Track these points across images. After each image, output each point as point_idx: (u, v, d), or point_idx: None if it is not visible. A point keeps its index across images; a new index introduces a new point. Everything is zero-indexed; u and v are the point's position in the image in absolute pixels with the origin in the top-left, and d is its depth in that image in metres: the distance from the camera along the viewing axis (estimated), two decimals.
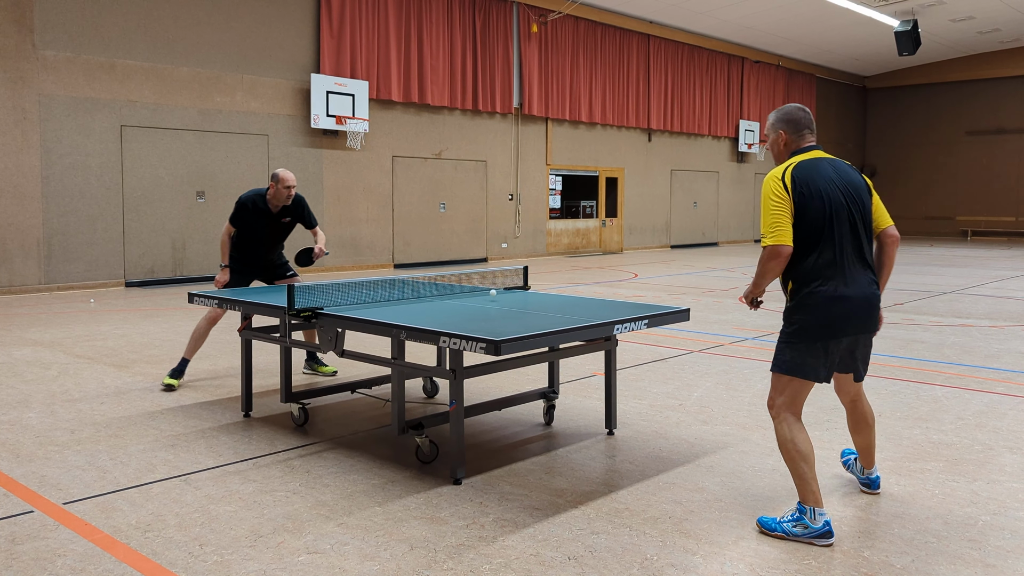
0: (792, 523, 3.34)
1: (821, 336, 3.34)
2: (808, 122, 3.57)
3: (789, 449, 3.37)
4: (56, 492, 3.88)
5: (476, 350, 3.60)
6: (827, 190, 3.36)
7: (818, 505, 3.31)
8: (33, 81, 11.79)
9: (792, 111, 3.58)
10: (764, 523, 3.42)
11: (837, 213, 3.35)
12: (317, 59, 15.08)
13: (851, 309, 3.35)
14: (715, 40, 23.68)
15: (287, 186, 6.14)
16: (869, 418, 3.77)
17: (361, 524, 3.51)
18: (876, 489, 3.86)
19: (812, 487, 3.32)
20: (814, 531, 3.29)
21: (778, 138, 3.61)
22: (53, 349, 7.55)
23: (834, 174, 3.43)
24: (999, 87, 28.38)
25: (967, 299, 11.35)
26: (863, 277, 3.40)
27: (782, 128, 3.59)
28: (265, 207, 6.23)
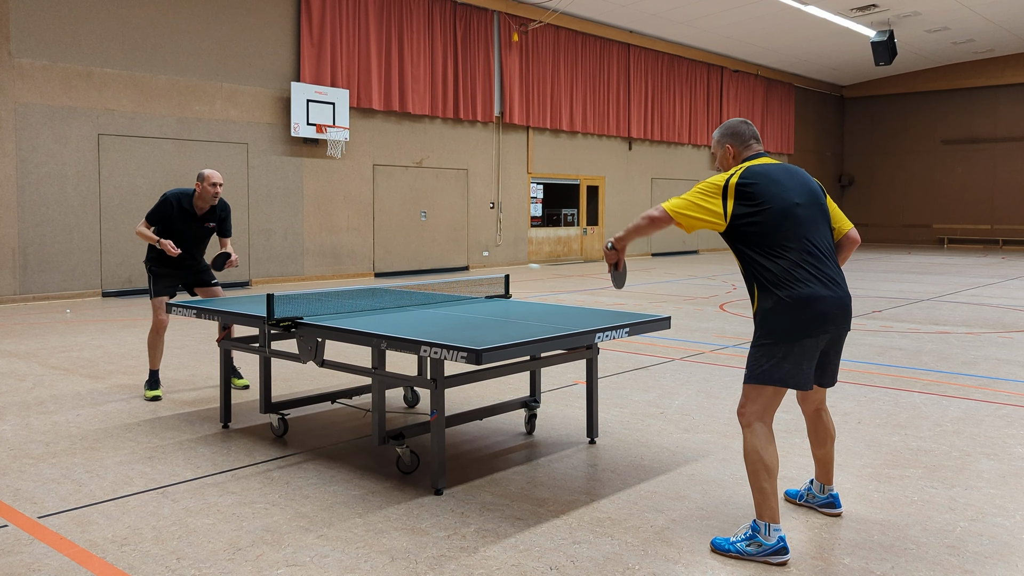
0: (746, 542, 3.24)
1: (799, 339, 3.23)
2: (753, 133, 3.53)
3: (755, 461, 3.26)
4: (30, 506, 3.82)
5: (457, 359, 3.59)
6: (780, 191, 3.29)
7: (775, 521, 3.22)
8: (9, 89, 11.67)
9: (735, 125, 3.55)
10: (717, 544, 3.31)
11: (794, 214, 3.27)
12: (297, 67, 15.03)
13: (827, 309, 3.25)
14: (695, 50, 23.85)
15: (212, 183, 5.97)
16: (831, 430, 3.65)
17: (341, 536, 3.48)
18: (839, 508, 3.69)
19: (772, 503, 3.23)
20: (768, 548, 3.20)
21: (726, 153, 3.56)
22: (28, 360, 7.45)
23: (785, 176, 3.36)
24: (974, 97, 28.77)
25: (944, 306, 11.47)
26: (834, 276, 3.32)
27: (728, 142, 3.54)
28: (191, 208, 6.05)
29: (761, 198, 3.26)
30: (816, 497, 3.73)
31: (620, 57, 21.74)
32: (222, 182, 6.10)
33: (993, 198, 28.63)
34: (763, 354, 3.28)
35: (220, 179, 6.08)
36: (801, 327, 3.23)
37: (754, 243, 3.29)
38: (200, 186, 6.01)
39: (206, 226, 6.18)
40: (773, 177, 3.32)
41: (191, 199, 6.06)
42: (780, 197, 3.28)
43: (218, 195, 6.06)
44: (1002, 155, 28.36)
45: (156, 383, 6.04)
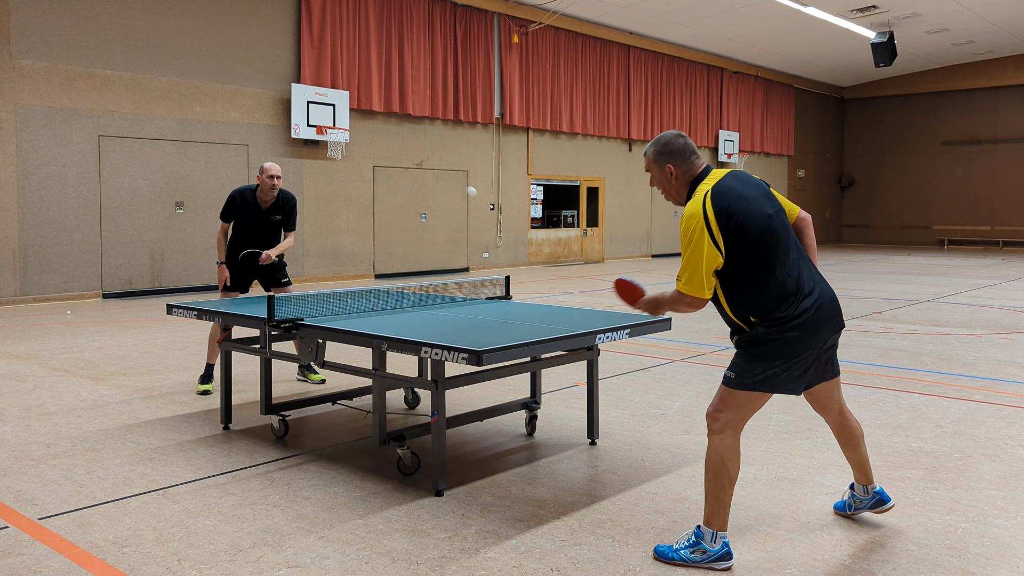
0: (689, 549, 3.18)
1: (798, 352, 3.11)
2: (692, 147, 3.26)
3: (718, 470, 3.14)
4: (31, 507, 3.82)
5: (458, 360, 3.59)
6: (750, 208, 3.08)
7: (723, 529, 3.17)
8: (9, 91, 11.67)
9: (671, 140, 3.27)
10: (660, 552, 3.24)
11: (769, 227, 3.10)
12: (297, 69, 15.04)
13: (825, 316, 3.15)
14: (695, 51, 23.86)
15: (269, 175, 6.13)
16: (859, 430, 3.53)
17: (342, 537, 3.48)
18: (889, 501, 3.57)
19: (725, 512, 3.17)
20: (713, 555, 3.15)
21: (666, 173, 3.26)
22: (28, 362, 7.45)
23: (744, 187, 3.15)
24: (974, 98, 28.78)
25: (945, 308, 11.47)
26: (817, 277, 3.21)
27: (669, 162, 3.24)
28: (255, 202, 6.22)
29: (737, 218, 3.03)
30: (863, 501, 3.60)
31: (620, 58, 21.75)
32: (280, 174, 6.22)
33: (993, 199, 28.63)
34: (757, 364, 3.12)
35: (278, 171, 6.21)
36: (805, 339, 3.11)
37: (741, 269, 3.08)
38: (260, 178, 6.18)
39: (272, 219, 6.32)
40: (740, 193, 3.11)
41: (254, 193, 6.23)
42: (755, 216, 3.07)
43: (276, 187, 6.20)
44: (1002, 156, 28.36)
45: (209, 377, 6.23)
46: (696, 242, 3.03)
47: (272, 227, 6.39)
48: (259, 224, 6.31)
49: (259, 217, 6.28)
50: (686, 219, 3.07)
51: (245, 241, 6.34)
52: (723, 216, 3.03)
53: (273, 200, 6.31)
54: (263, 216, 6.29)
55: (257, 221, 6.29)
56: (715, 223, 3.02)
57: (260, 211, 6.26)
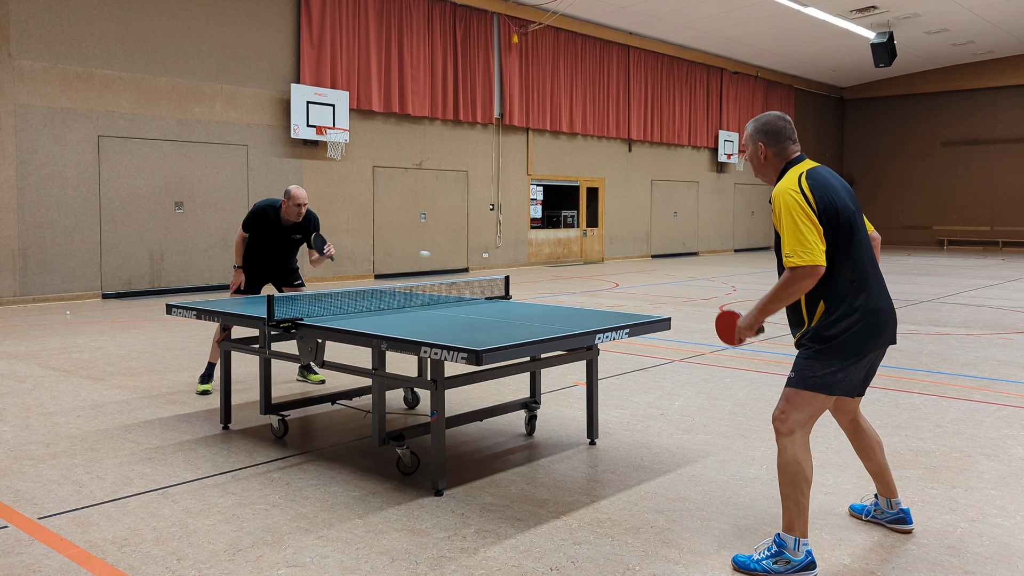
0: (772, 559, 3.09)
1: (861, 351, 3.12)
2: (790, 131, 3.30)
3: (794, 472, 3.09)
4: (31, 507, 3.82)
5: (457, 360, 3.59)
6: (841, 199, 3.13)
7: (805, 536, 3.09)
8: (9, 91, 11.68)
9: (772, 120, 3.31)
10: (741, 563, 3.15)
11: (854, 222, 3.14)
12: (297, 69, 15.04)
13: (887, 320, 3.16)
14: (694, 51, 23.87)
15: (297, 203, 6.15)
16: (875, 436, 3.49)
17: (341, 536, 3.48)
18: (910, 524, 3.52)
19: (805, 517, 3.10)
20: (797, 565, 3.07)
21: (757, 151, 3.32)
22: (28, 362, 7.45)
23: (836, 182, 3.21)
24: (973, 98, 28.78)
25: (944, 308, 11.47)
26: (884, 285, 3.24)
27: (762, 140, 3.30)
28: (277, 220, 6.25)
29: (827, 209, 3.08)
30: (885, 513, 3.56)
31: (620, 59, 21.75)
32: (306, 202, 6.22)
33: (993, 200, 28.64)
34: (819, 363, 3.11)
35: (304, 199, 6.19)
36: (868, 340, 3.12)
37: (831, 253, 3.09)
38: (285, 204, 6.17)
39: (293, 237, 6.36)
40: (832, 184, 3.16)
41: (278, 211, 6.24)
42: (844, 207, 3.12)
43: (301, 215, 6.21)
44: (1002, 157, 28.36)
45: (209, 377, 6.25)
46: (798, 213, 3.04)
47: (291, 244, 6.43)
48: (279, 240, 6.34)
49: (280, 234, 6.31)
50: (783, 195, 3.09)
51: (262, 254, 6.38)
52: (817, 195, 3.08)
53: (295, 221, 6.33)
54: (284, 233, 6.32)
55: (277, 237, 6.32)
56: (812, 199, 3.07)
57: (281, 228, 6.29)
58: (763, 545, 3.20)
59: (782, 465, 3.13)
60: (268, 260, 6.42)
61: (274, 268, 6.50)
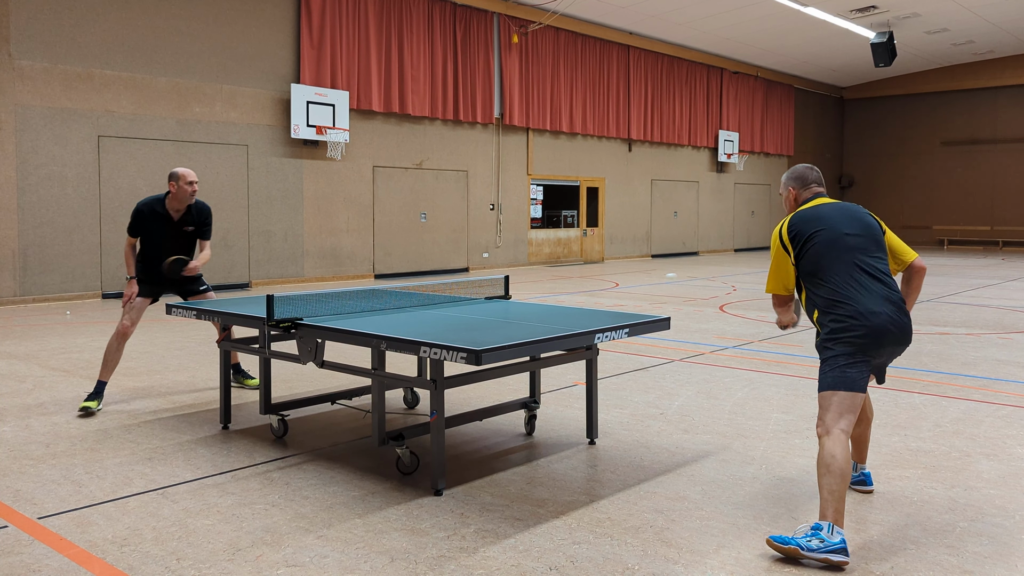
0: (808, 537, 3.21)
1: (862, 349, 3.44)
2: (816, 177, 3.92)
3: (829, 465, 3.28)
4: (31, 507, 3.82)
5: (457, 360, 3.59)
6: (825, 225, 3.61)
7: (839, 524, 3.22)
8: (9, 91, 11.68)
9: (801, 170, 3.96)
10: (778, 539, 3.27)
11: (842, 241, 3.57)
12: (297, 69, 15.04)
13: (882, 323, 3.43)
14: (695, 51, 23.86)
15: (189, 181, 5.82)
16: (869, 413, 3.92)
17: (341, 536, 3.48)
18: (870, 485, 3.98)
19: (840, 506, 3.24)
20: (831, 545, 3.17)
21: (788, 195, 3.98)
22: (28, 362, 7.46)
23: (836, 211, 3.68)
24: (973, 98, 28.78)
25: (944, 307, 11.47)
26: (884, 295, 3.49)
27: (791, 185, 3.96)
28: (165, 212, 5.90)
29: (806, 236, 3.62)
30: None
31: (620, 59, 21.75)
32: (197, 179, 5.93)
33: (993, 199, 28.63)
34: (829, 365, 3.49)
35: (195, 176, 5.90)
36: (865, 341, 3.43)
37: (809, 274, 3.61)
38: (175, 185, 5.83)
39: (185, 229, 6.01)
40: (819, 215, 3.67)
41: (163, 203, 5.90)
42: (827, 229, 3.61)
43: (195, 193, 5.89)
44: (1002, 156, 28.36)
45: (99, 395, 5.72)
46: (773, 251, 3.74)
47: (184, 238, 6.03)
48: (170, 235, 5.96)
49: (170, 228, 5.94)
50: (773, 236, 3.76)
51: (156, 253, 5.97)
52: (793, 232, 3.68)
53: (185, 210, 5.98)
54: (175, 227, 5.96)
55: (168, 233, 5.94)
56: (787, 239, 3.68)
57: (171, 222, 5.93)
58: (801, 530, 3.31)
59: (818, 460, 3.36)
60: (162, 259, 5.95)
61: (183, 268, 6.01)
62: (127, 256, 5.97)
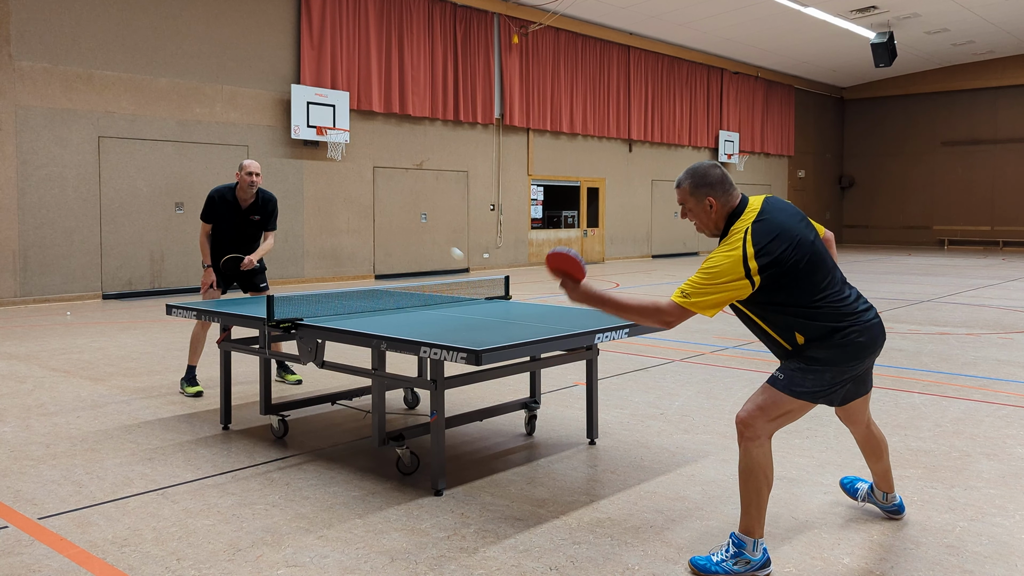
0: (732, 560, 3.09)
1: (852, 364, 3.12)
2: (728, 177, 3.20)
3: (758, 476, 3.09)
4: (31, 507, 3.82)
5: (457, 360, 3.59)
6: (792, 240, 3.05)
7: (761, 536, 3.13)
8: (9, 92, 11.69)
9: (707, 171, 3.19)
10: (700, 565, 3.13)
11: (813, 253, 3.09)
12: (297, 69, 15.05)
13: (876, 334, 3.16)
14: (695, 51, 23.87)
15: (248, 172, 6.07)
16: (883, 442, 3.56)
17: (341, 536, 3.48)
18: (903, 512, 3.66)
19: (763, 518, 3.13)
20: (755, 564, 3.10)
21: (705, 206, 3.18)
22: (28, 362, 7.46)
23: (782, 215, 3.12)
24: (974, 98, 28.77)
25: (944, 307, 11.47)
26: (861, 297, 3.22)
27: (710, 195, 3.16)
28: (234, 200, 6.15)
29: (779, 262, 3.00)
30: (880, 506, 3.67)
31: (620, 59, 21.75)
32: (259, 171, 6.16)
33: (993, 199, 28.63)
34: (813, 376, 3.09)
35: (257, 168, 6.15)
36: (861, 354, 3.12)
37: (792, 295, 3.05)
38: (238, 175, 6.12)
39: (251, 219, 6.25)
40: (782, 225, 3.07)
41: (234, 191, 6.16)
42: (799, 245, 3.05)
43: (255, 184, 6.13)
44: (1002, 156, 28.35)
45: (194, 379, 6.17)
46: (728, 277, 2.98)
47: (252, 227, 6.31)
48: (239, 224, 6.23)
49: (239, 217, 6.20)
50: (723, 255, 3.01)
51: (226, 242, 6.26)
52: (763, 255, 2.99)
53: (253, 199, 6.24)
54: (243, 216, 6.21)
55: (237, 221, 6.21)
56: (754, 262, 2.98)
57: (239, 210, 6.18)
58: (720, 547, 3.19)
59: (745, 469, 3.11)
60: (233, 251, 6.27)
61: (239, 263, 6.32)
62: (202, 243, 6.25)
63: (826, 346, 3.09)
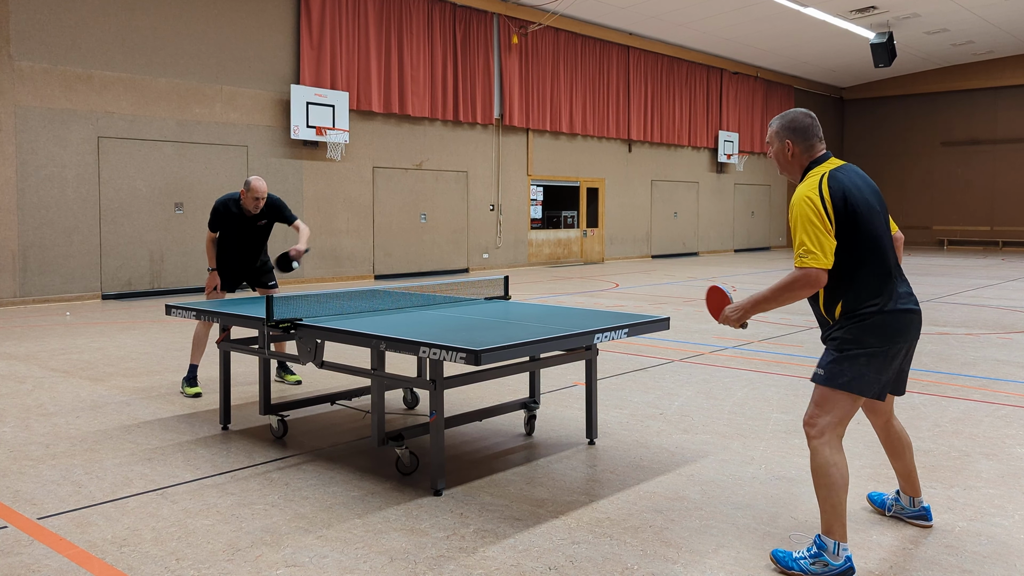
0: (811, 560, 3.06)
1: (891, 349, 3.09)
2: (817, 128, 3.29)
3: (831, 475, 3.04)
4: (30, 507, 3.82)
5: (456, 360, 3.59)
6: (865, 200, 3.12)
7: (844, 540, 3.06)
8: (8, 92, 11.68)
9: (798, 117, 3.30)
10: (779, 559, 3.13)
11: (875, 224, 3.11)
12: (297, 70, 15.04)
13: (914, 317, 3.14)
14: (694, 52, 23.87)
15: (255, 197, 6.12)
16: (905, 438, 3.51)
17: (340, 536, 3.48)
18: (930, 520, 3.56)
19: (843, 520, 3.07)
20: (835, 569, 3.03)
21: (784, 148, 3.30)
22: (28, 363, 7.46)
23: (862, 181, 3.19)
24: (973, 98, 28.78)
25: (944, 307, 11.47)
26: (906, 283, 3.22)
27: (789, 138, 3.28)
28: (239, 211, 6.24)
29: (850, 211, 3.06)
30: (906, 510, 3.61)
31: (620, 59, 21.75)
32: (264, 195, 6.15)
33: (993, 200, 28.64)
34: (849, 364, 3.08)
35: (263, 192, 6.13)
36: (895, 337, 3.09)
37: (844, 255, 3.06)
38: (244, 195, 6.15)
39: (259, 224, 6.35)
40: (855, 182, 3.14)
41: (238, 203, 6.23)
42: (865, 207, 3.10)
43: (259, 208, 6.18)
44: (1002, 157, 28.36)
45: (195, 379, 6.20)
46: (814, 218, 3.03)
47: (259, 231, 6.41)
48: (246, 230, 6.33)
49: (245, 224, 6.29)
50: (802, 199, 3.08)
51: (234, 247, 6.35)
52: (838, 197, 3.07)
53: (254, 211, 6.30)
54: (250, 223, 6.31)
55: (244, 228, 6.31)
56: (830, 203, 3.05)
57: (245, 218, 6.28)
58: (805, 545, 3.18)
59: (815, 469, 3.09)
60: (240, 254, 6.39)
61: (247, 263, 6.46)
62: (208, 248, 6.34)
63: (860, 322, 3.08)
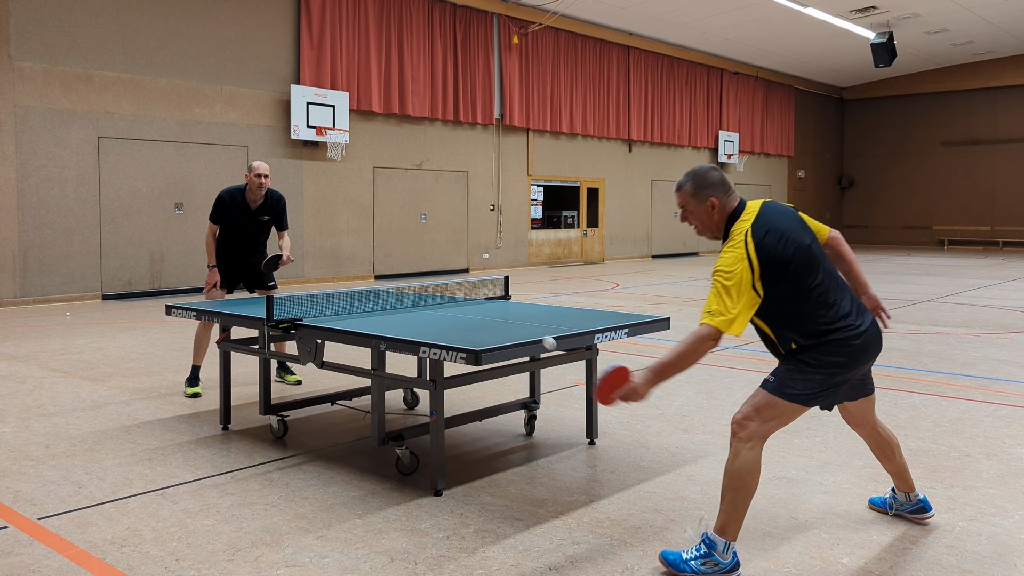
0: (700, 560, 3.07)
1: (846, 373, 3.13)
2: (726, 178, 3.26)
3: (746, 480, 3.05)
4: (30, 507, 3.82)
5: (456, 360, 3.59)
6: (794, 240, 3.07)
7: (735, 540, 3.10)
8: (8, 92, 11.68)
9: (710, 172, 3.23)
10: (669, 560, 3.13)
11: (809, 256, 3.09)
12: (297, 70, 15.05)
13: (870, 339, 3.16)
14: (694, 52, 23.87)
15: (257, 174, 6.13)
16: (893, 439, 3.56)
17: (341, 537, 3.48)
18: (930, 511, 3.60)
19: (740, 522, 3.09)
20: (724, 567, 3.07)
21: (708, 207, 3.20)
22: (28, 363, 7.46)
23: (780, 218, 3.14)
24: (973, 98, 28.78)
25: (944, 307, 11.47)
26: (857, 302, 3.23)
27: (712, 195, 3.19)
28: (243, 201, 6.21)
29: (783, 260, 3.03)
30: (904, 505, 3.63)
31: (620, 59, 21.75)
32: (268, 172, 6.22)
33: (993, 200, 28.63)
34: (803, 377, 3.10)
35: (266, 170, 6.20)
36: (851, 361, 3.11)
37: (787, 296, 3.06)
38: (248, 177, 6.17)
39: (261, 219, 6.32)
40: (779, 228, 3.09)
41: (243, 193, 6.22)
42: (797, 247, 3.06)
43: (264, 186, 6.19)
44: (1002, 157, 28.36)
45: (197, 379, 6.19)
46: (740, 286, 2.98)
47: (261, 227, 6.38)
48: (248, 225, 6.30)
49: (248, 218, 6.27)
50: (730, 262, 3.01)
51: (233, 242, 6.33)
52: (765, 253, 3.01)
53: (262, 200, 6.30)
54: (252, 217, 6.28)
55: (246, 222, 6.28)
56: (757, 264, 3.00)
57: (249, 211, 6.26)
58: (692, 545, 3.19)
59: (733, 471, 3.07)
60: (240, 250, 6.35)
61: (246, 260, 6.42)
62: (208, 244, 6.31)
63: (818, 350, 3.10)
